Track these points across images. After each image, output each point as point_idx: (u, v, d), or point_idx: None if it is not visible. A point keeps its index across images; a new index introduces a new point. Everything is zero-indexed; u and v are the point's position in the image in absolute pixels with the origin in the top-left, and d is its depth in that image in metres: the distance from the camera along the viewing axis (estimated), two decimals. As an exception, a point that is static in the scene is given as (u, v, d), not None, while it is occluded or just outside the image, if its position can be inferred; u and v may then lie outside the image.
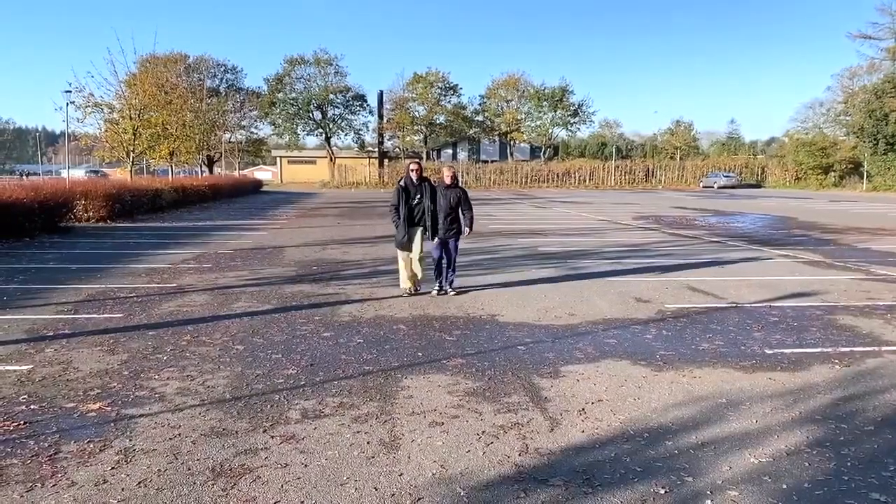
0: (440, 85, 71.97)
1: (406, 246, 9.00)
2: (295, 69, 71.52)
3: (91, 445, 4.27)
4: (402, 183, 8.97)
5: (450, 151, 79.54)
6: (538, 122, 76.44)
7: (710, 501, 3.59)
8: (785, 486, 3.76)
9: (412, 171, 8.98)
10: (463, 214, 9.29)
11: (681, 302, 8.90)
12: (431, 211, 8.90)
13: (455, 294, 9.24)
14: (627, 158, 79.51)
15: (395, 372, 5.84)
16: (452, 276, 9.41)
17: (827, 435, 4.49)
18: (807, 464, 4.05)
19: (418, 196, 8.91)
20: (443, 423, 4.67)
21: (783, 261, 13.11)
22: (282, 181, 78.11)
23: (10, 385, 5.44)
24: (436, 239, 9.07)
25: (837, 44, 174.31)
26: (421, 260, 9.16)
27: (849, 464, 4.05)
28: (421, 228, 9.00)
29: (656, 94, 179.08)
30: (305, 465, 3.99)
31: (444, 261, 9.23)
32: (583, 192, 53.81)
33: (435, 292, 9.25)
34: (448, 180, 9.19)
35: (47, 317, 7.93)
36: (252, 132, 75.51)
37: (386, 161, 71.48)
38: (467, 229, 9.39)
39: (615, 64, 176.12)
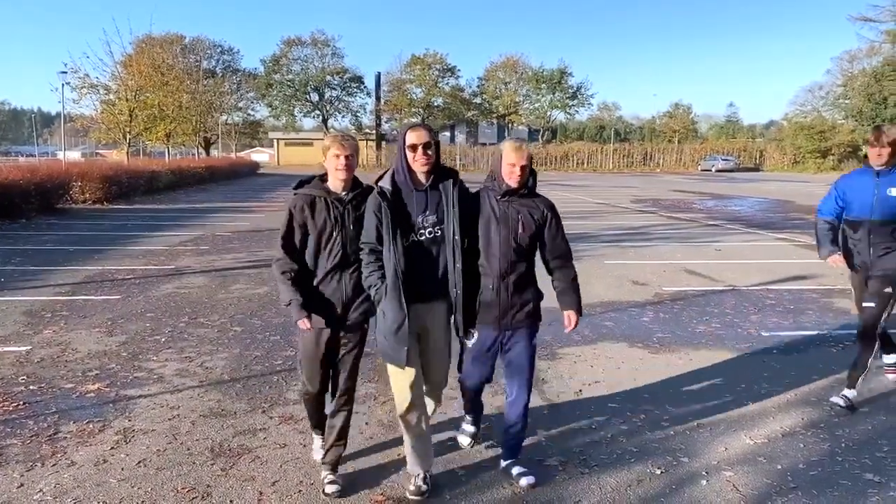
0: (438, 67, 71.46)
1: (402, 355, 3.31)
2: (292, 50, 70.93)
3: (90, 426, 4.29)
4: (382, 185, 3.37)
5: (448, 134, 79.12)
6: (536, 105, 75.95)
7: (705, 482, 3.62)
8: (780, 467, 3.79)
9: (410, 150, 3.30)
10: (553, 267, 3.63)
11: (678, 285, 8.92)
12: (468, 257, 3.45)
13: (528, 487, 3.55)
14: (626, 142, 79.24)
15: (393, 354, 5.84)
16: (522, 430, 3.69)
17: (822, 417, 4.53)
18: (801, 445, 4.09)
19: (430, 217, 3.36)
20: (441, 404, 4.69)
21: (780, 244, 13.13)
22: (279, 163, 77.61)
23: (9, 366, 5.45)
24: (473, 333, 3.53)
25: (838, 26, 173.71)
26: (437, 388, 3.77)
27: (843, 445, 4.09)
28: (444, 305, 3.46)
29: (655, 77, 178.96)
30: (304, 446, 4.02)
31: (507, 388, 3.68)
32: (581, 175, 53.63)
33: (466, 442, 4.03)
34: (514, 180, 3.43)
35: (45, 298, 7.93)
36: (249, 114, 75.16)
37: (383, 143, 71.17)
38: (572, 311, 3.61)
39: (614, 46, 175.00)
